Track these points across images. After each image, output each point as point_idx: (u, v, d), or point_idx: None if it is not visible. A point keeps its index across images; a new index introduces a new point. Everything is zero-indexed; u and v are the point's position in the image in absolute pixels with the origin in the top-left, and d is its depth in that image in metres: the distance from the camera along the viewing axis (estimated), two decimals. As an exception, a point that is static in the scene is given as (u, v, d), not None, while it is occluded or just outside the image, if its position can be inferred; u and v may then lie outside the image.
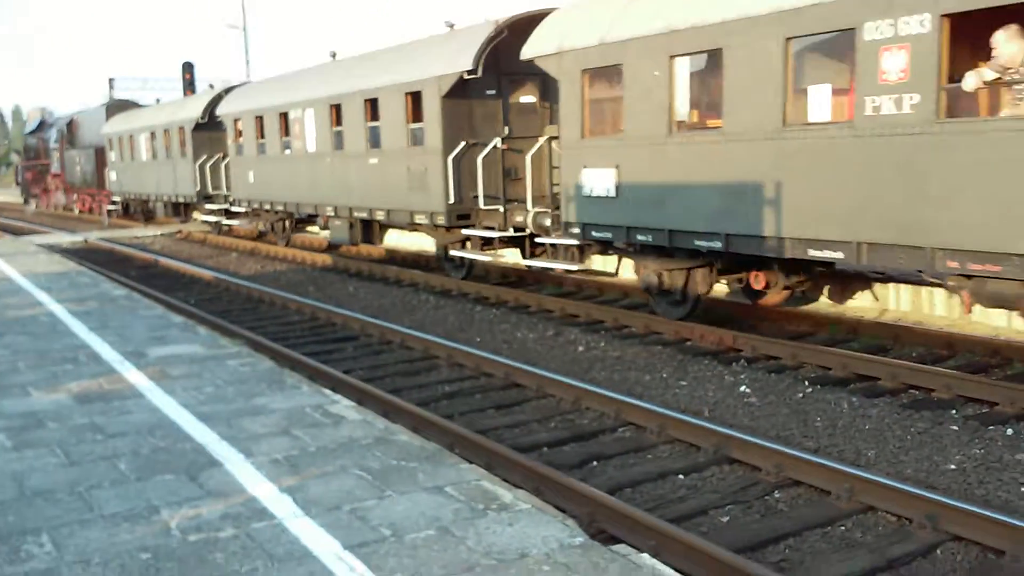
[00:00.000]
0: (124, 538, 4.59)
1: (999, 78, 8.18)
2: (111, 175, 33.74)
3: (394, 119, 16.33)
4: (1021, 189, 7.75)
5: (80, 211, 39.29)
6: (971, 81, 8.22)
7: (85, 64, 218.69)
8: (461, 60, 14.57)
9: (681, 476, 6.91)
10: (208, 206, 26.16)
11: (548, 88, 14.93)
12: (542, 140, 14.06)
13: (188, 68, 39.70)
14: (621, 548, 4.29)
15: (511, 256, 16.54)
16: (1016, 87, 8.16)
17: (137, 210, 33.37)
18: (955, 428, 7.85)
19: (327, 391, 7.79)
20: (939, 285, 9.50)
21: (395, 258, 20.24)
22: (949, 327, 11.09)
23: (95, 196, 36.81)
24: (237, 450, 6.00)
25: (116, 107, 36.15)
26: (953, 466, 6.99)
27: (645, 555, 4.22)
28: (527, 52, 13.07)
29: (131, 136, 31.01)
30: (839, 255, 9.48)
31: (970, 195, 8.15)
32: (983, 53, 8.42)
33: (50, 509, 5.04)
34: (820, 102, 9.62)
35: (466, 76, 14.46)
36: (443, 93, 14.87)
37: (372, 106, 17.03)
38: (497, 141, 14.88)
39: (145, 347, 9.55)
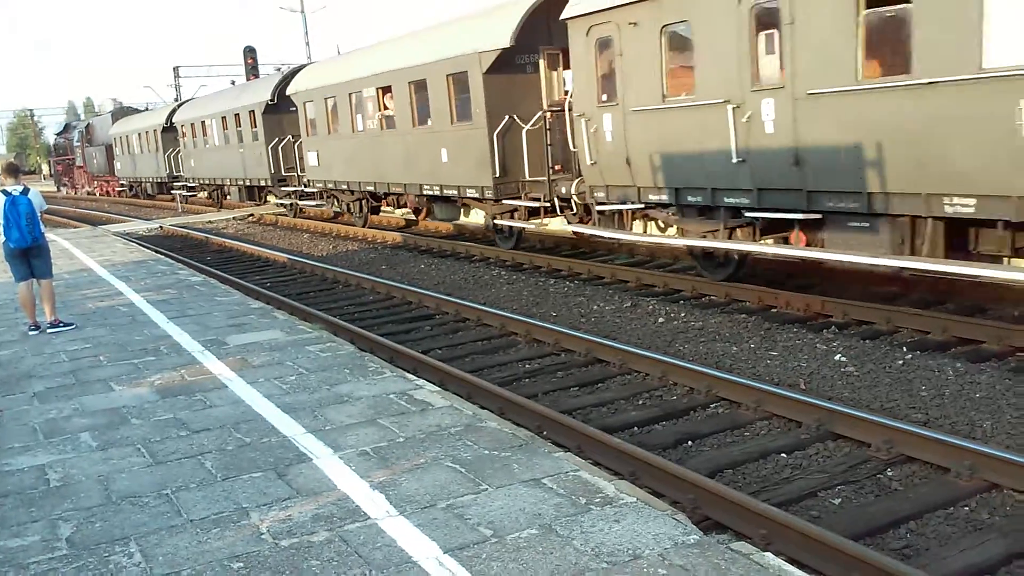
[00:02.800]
0: (214, 545, 4.44)
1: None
2: (117, 165, 45.35)
3: (246, 126, 27.61)
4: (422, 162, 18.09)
5: (99, 194, 50.88)
6: (377, 117, 19.50)
7: (153, 54, 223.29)
8: (266, 93, 26.05)
9: (783, 455, 6.55)
10: (175, 184, 36.37)
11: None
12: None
13: (250, 53, 39.92)
14: (741, 546, 3.99)
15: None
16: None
17: (137, 189, 44.30)
18: (1076, 394, 7.34)
19: (410, 376, 7.61)
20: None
21: (464, 234, 20.05)
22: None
23: (109, 182, 48.93)
24: (324, 443, 5.84)
25: (119, 113, 47.56)
26: (1079, 436, 6.52)
27: (769, 555, 3.91)
28: (288, 91, 24.06)
29: (127, 136, 42.32)
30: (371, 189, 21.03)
31: (414, 165, 18.35)
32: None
33: (137, 515, 4.92)
34: (366, 121, 20.17)
35: (268, 103, 25.64)
36: (262, 112, 26.13)
37: (237, 118, 28.15)
38: (289, 137, 25.46)
39: (225, 335, 9.49)
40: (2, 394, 7.81)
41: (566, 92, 14.95)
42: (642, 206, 12.89)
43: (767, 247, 11.34)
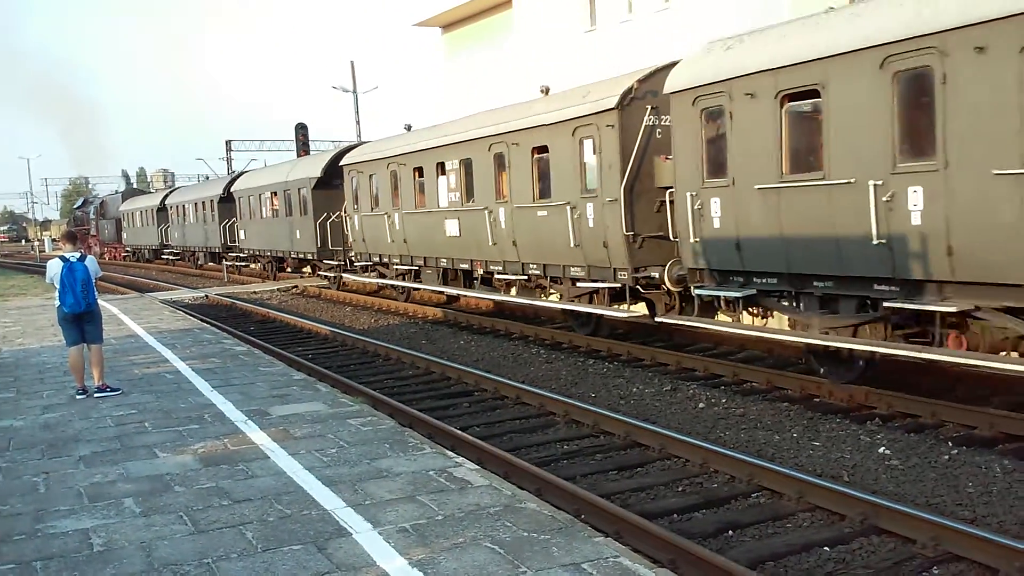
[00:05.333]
0: (255, 617, 4.45)
1: None
2: (125, 235, 56.91)
3: (209, 210, 38.48)
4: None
5: (109, 258, 59.11)
6: (271, 209, 32.46)
7: (208, 126, 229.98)
8: (219, 189, 37.32)
9: (827, 548, 6.45)
10: (165, 252, 47.47)
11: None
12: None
13: (302, 130, 40.94)
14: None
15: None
16: None
17: (138, 254, 54.48)
18: None
19: (449, 452, 7.63)
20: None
21: (503, 311, 20.15)
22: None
23: (116, 248, 59.81)
24: (364, 518, 5.86)
25: (128, 193, 62.55)
26: None
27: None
28: (232, 189, 34.84)
29: (132, 212, 54.36)
30: (270, 254, 32.62)
31: (288, 239, 29.39)
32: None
33: (179, 584, 4.96)
34: (266, 211, 31.72)
35: (221, 196, 36.50)
36: (217, 201, 37.00)
37: (204, 204, 39.14)
38: (234, 219, 35.04)
39: (268, 406, 9.59)
40: (49, 457, 7.94)
41: None
42: (372, 263, 23.67)
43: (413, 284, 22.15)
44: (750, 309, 12.15)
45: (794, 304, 11.19)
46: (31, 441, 8.56)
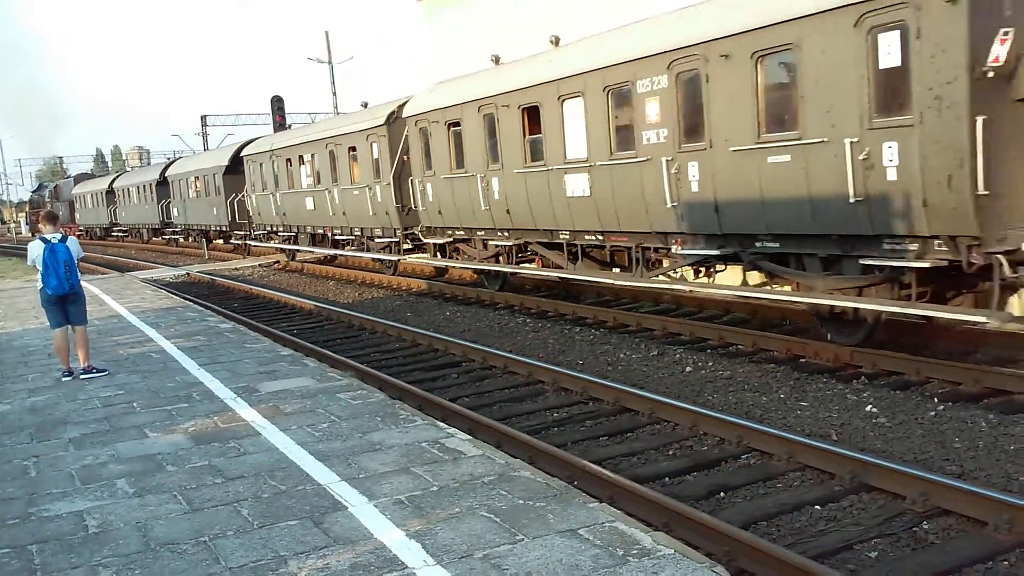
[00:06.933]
0: (255, 593, 4.46)
1: None
2: (78, 216, 63.63)
3: (148, 192, 44.35)
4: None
5: None
6: (195, 190, 38.61)
7: (182, 101, 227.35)
8: (156, 174, 43.90)
9: (818, 507, 6.52)
10: (115, 231, 54.52)
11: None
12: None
13: (278, 102, 40.55)
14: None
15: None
16: None
17: (91, 233, 61.29)
18: (1113, 447, 7.27)
19: (440, 424, 7.64)
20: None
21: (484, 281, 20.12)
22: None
23: (71, 228, 61.24)
24: (359, 492, 5.87)
25: (80, 178, 69.24)
26: (1118, 490, 6.45)
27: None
28: (167, 174, 41.96)
29: (84, 195, 61.36)
30: (197, 227, 39.19)
31: (208, 214, 36.36)
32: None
33: (176, 562, 4.96)
34: (192, 192, 38.30)
35: (158, 180, 42.71)
36: (155, 184, 43.18)
37: (146, 187, 44.80)
38: (169, 200, 41.71)
39: (256, 382, 9.57)
40: (38, 440, 7.90)
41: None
42: (266, 232, 29.93)
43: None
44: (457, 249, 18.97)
45: (481, 249, 17.85)
46: (19, 425, 8.51)
